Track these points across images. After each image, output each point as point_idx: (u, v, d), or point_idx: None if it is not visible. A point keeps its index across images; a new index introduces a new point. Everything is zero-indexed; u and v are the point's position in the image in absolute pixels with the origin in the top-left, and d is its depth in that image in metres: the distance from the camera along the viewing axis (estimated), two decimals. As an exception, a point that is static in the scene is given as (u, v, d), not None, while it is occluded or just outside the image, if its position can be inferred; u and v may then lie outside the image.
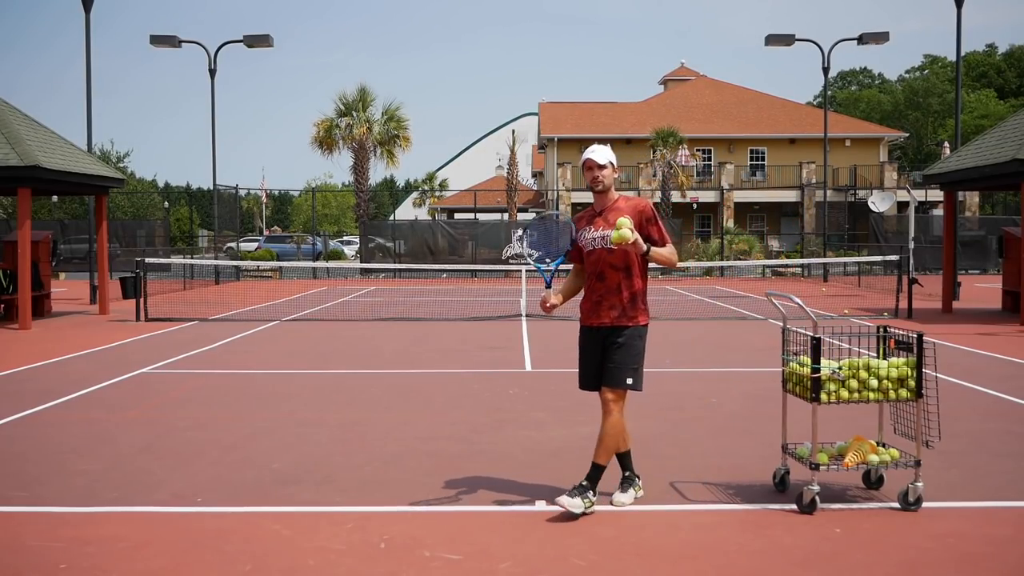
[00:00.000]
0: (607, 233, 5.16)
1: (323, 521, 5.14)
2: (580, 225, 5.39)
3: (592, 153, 5.28)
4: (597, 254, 5.25)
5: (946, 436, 6.34)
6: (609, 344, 5.22)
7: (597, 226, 5.28)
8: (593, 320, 5.29)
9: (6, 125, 15.73)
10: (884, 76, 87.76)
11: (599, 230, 5.25)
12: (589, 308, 5.32)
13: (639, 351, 5.24)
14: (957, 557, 4.57)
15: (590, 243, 5.29)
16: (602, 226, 5.25)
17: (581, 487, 5.17)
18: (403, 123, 37.58)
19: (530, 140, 59.11)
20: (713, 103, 49.34)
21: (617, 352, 5.18)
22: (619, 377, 5.17)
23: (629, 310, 5.24)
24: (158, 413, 8.29)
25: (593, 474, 5.22)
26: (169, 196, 65.59)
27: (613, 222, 5.11)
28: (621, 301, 5.23)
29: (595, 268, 5.27)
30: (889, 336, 5.53)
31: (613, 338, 5.21)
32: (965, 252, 33.04)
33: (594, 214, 5.33)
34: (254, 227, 65.90)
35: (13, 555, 4.66)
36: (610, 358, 5.20)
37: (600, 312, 5.25)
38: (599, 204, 5.33)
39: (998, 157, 15.85)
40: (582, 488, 5.16)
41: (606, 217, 5.26)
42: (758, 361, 11.25)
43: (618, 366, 5.17)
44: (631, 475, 5.49)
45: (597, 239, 5.25)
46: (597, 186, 5.26)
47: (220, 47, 29.54)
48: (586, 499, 5.15)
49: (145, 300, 16.97)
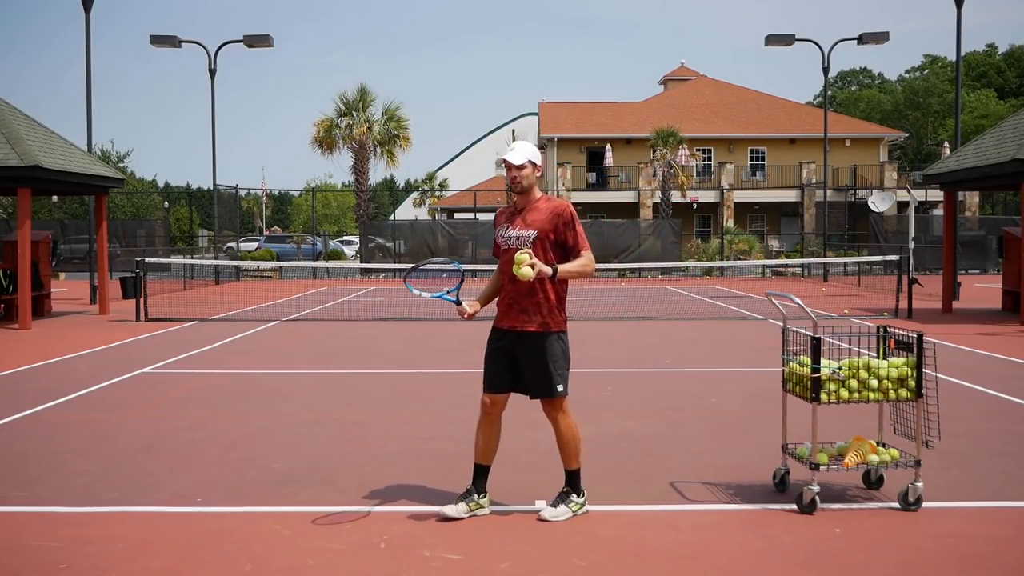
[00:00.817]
0: (523, 233, 5.05)
1: (323, 521, 5.14)
2: (500, 222, 5.24)
3: (508, 153, 5.12)
4: (512, 254, 5.03)
5: (946, 436, 6.34)
6: (525, 352, 5.04)
7: (516, 225, 5.12)
8: (504, 322, 5.11)
9: (6, 125, 15.73)
10: (884, 76, 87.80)
11: (517, 229, 5.10)
12: (503, 309, 5.14)
13: (560, 355, 5.07)
14: (957, 557, 4.57)
15: (507, 241, 5.13)
16: (520, 225, 5.09)
17: (563, 494, 5.17)
18: (403, 123, 37.57)
19: (530, 140, 59.04)
20: (713, 103, 49.33)
21: (539, 364, 5.03)
22: (550, 389, 5.06)
23: (543, 315, 5.04)
24: (158, 413, 8.29)
25: (571, 480, 5.20)
26: (169, 196, 65.58)
27: (532, 222, 5.05)
28: (534, 304, 5.03)
29: (508, 267, 5.05)
30: (889, 336, 5.53)
31: (529, 346, 5.03)
32: (965, 252, 33.03)
33: (514, 212, 5.17)
34: (254, 227, 65.90)
35: (13, 555, 4.67)
36: (534, 370, 5.05)
37: (511, 314, 5.07)
38: (520, 203, 5.17)
39: (998, 157, 15.85)
40: (564, 496, 5.17)
41: (525, 217, 5.10)
42: (758, 361, 11.25)
43: (543, 378, 5.04)
44: (473, 490, 5.23)
45: (514, 238, 5.08)
46: (516, 187, 5.09)
47: (220, 47, 29.55)
48: (572, 503, 5.16)
49: (145, 300, 16.98)
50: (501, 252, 5.19)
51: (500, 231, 5.20)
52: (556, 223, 5.05)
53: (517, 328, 5.05)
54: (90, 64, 21.59)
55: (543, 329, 5.04)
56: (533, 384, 5.10)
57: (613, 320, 16.90)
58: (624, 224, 35.19)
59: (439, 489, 5.74)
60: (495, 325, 5.18)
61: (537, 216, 5.07)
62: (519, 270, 4.79)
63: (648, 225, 35.25)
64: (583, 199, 43.96)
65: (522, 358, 5.07)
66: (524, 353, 5.06)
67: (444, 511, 5.11)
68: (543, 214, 5.08)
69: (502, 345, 5.12)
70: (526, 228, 5.07)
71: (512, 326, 5.07)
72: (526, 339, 5.04)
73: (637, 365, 11.27)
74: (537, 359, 5.04)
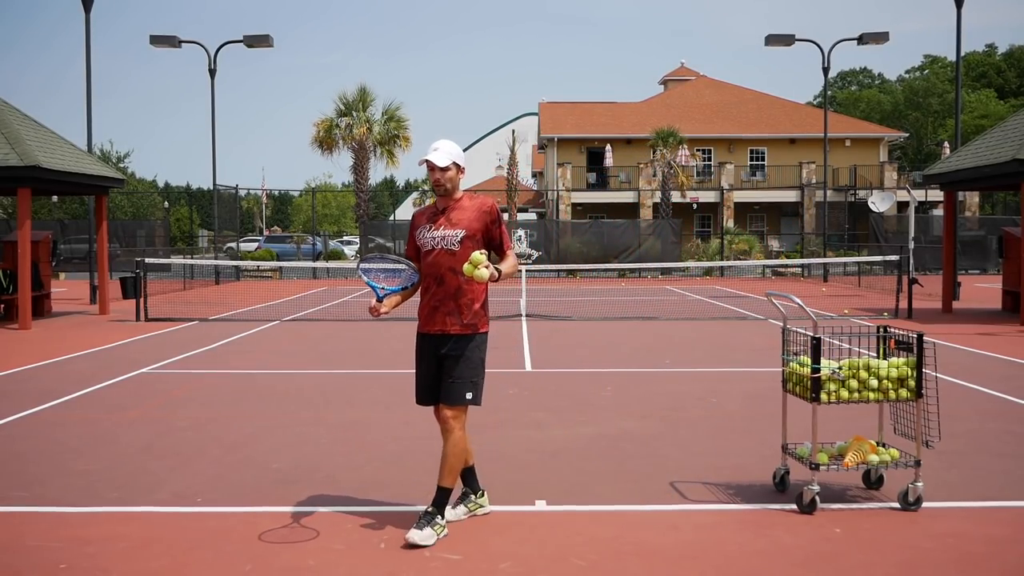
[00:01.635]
0: (449, 233, 4.85)
1: (323, 521, 5.14)
2: (420, 222, 4.98)
3: (432, 154, 4.85)
4: (437, 255, 4.86)
5: (946, 436, 6.34)
6: (447, 355, 4.84)
7: (439, 225, 4.89)
8: (430, 327, 4.90)
9: (6, 125, 15.74)
10: (884, 76, 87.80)
11: (441, 229, 4.88)
12: (426, 314, 4.93)
13: (478, 363, 4.89)
14: (957, 557, 4.57)
15: (430, 242, 4.89)
16: (444, 225, 4.88)
17: (428, 515, 4.79)
18: (403, 123, 37.55)
19: (530, 140, 59.11)
20: (713, 103, 49.33)
21: (456, 366, 4.82)
22: (459, 393, 4.81)
23: (469, 317, 4.87)
24: (158, 413, 8.29)
25: (440, 499, 4.85)
26: (169, 196, 65.59)
27: (456, 221, 4.85)
28: (460, 307, 4.85)
29: (434, 270, 4.88)
30: (889, 336, 5.53)
31: (452, 349, 4.84)
32: (965, 252, 33.04)
33: (436, 212, 4.94)
34: (254, 227, 65.89)
35: (13, 555, 4.67)
36: (449, 372, 4.83)
37: (436, 318, 4.86)
38: (441, 203, 4.94)
39: (998, 157, 15.85)
40: (429, 516, 4.78)
41: (449, 216, 4.89)
42: (758, 361, 11.25)
43: (456, 381, 4.81)
44: (468, 491, 5.19)
45: (438, 239, 4.86)
46: (440, 189, 4.87)
47: (220, 47, 29.55)
48: (436, 526, 4.78)
49: (145, 300, 16.98)
50: (422, 254, 4.95)
51: (421, 232, 4.94)
52: (485, 221, 4.88)
53: (446, 331, 4.86)
54: (90, 64, 21.62)
55: (471, 331, 4.88)
56: (447, 391, 4.83)
57: (613, 320, 16.90)
58: (624, 224, 35.20)
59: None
60: (422, 332, 4.95)
61: (463, 215, 4.88)
62: (476, 271, 4.56)
63: (648, 225, 35.26)
64: (583, 199, 43.98)
65: (446, 361, 4.86)
66: (449, 355, 4.85)
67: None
68: (469, 212, 4.89)
69: (430, 353, 4.91)
70: (452, 228, 4.86)
71: (441, 329, 4.87)
72: (453, 341, 4.86)
73: (637, 365, 11.27)
74: (460, 362, 4.83)
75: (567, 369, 10.94)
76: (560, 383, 9.81)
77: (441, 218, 4.90)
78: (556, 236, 33.63)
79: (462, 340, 4.86)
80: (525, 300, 17.86)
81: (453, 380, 4.82)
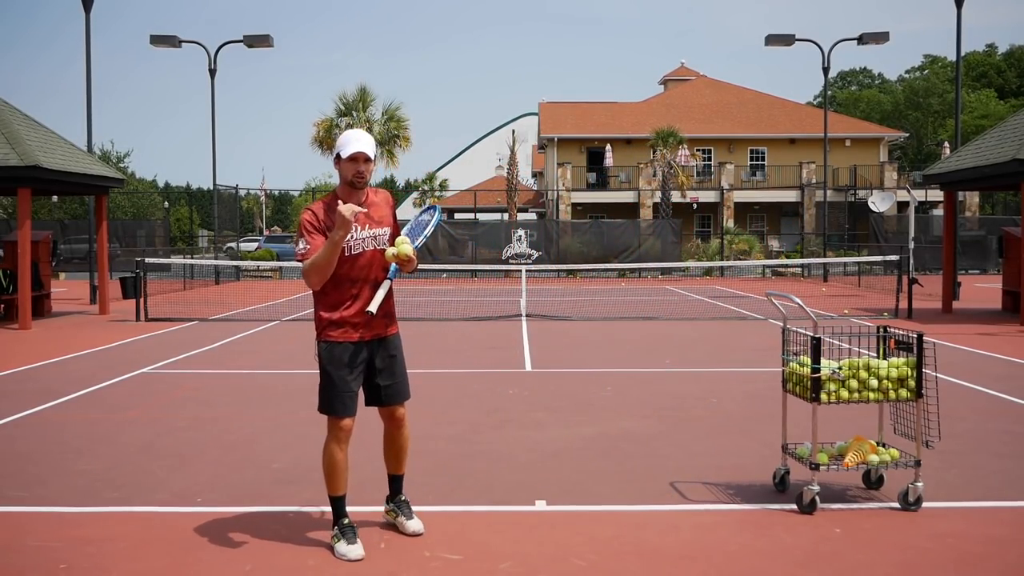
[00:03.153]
0: (379, 232, 4.61)
1: (323, 521, 5.14)
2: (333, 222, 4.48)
3: (361, 144, 4.51)
4: (369, 256, 4.59)
5: (946, 436, 6.34)
6: (383, 358, 4.71)
7: (363, 224, 4.57)
8: (366, 333, 4.62)
9: (6, 125, 15.74)
10: (884, 76, 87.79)
11: (367, 229, 4.58)
12: (360, 320, 4.58)
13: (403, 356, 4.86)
14: (957, 557, 4.57)
15: (360, 244, 4.56)
16: (369, 224, 4.59)
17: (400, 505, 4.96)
18: (403, 123, 37.55)
19: (530, 140, 59.09)
20: (713, 103, 49.33)
21: (398, 366, 4.76)
22: (406, 389, 4.83)
23: (393, 315, 4.80)
24: (158, 413, 8.29)
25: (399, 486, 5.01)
26: (169, 196, 65.58)
27: (381, 219, 4.64)
28: (391, 306, 4.76)
29: (367, 273, 4.59)
30: (889, 336, 5.53)
31: (391, 350, 4.74)
32: (965, 252, 33.03)
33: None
34: (254, 227, 65.89)
35: (13, 555, 4.67)
36: (392, 372, 4.74)
37: (374, 322, 4.61)
38: (355, 197, 4.57)
39: (998, 157, 15.85)
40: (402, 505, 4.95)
41: (370, 214, 4.60)
42: (758, 361, 11.25)
43: (402, 379, 4.79)
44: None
45: (368, 239, 4.58)
46: (361, 183, 4.53)
47: (220, 47, 29.55)
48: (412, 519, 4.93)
49: (145, 300, 16.98)
50: (347, 258, 4.53)
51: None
52: (392, 212, 4.76)
53: (381, 334, 4.71)
54: (90, 64, 21.61)
55: (397, 330, 4.84)
56: (395, 388, 4.77)
57: (613, 320, 16.90)
58: (624, 224, 35.19)
59: (439, 489, 5.74)
60: (352, 340, 4.60)
61: (380, 211, 4.66)
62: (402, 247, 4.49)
63: (648, 225, 35.25)
64: (583, 199, 43.98)
65: (384, 363, 4.73)
66: (386, 357, 4.73)
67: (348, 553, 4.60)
68: (383, 208, 4.70)
69: (361, 359, 4.66)
70: (378, 225, 4.63)
71: (376, 334, 4.68)
72: (388, 343, 4.75)
73: (637, 365, 11.27)
74: (396, 361, 4.77)
75: (567, 369, 10.94)
76: (560, 383, 9.81)
77: (362, 216, 4.56)
78: (556, 236, 33.62)
79: (396, 339, 4.82)
80: (525, 300, 17.86)
81: (400, 380, 4.79)
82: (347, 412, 4.66)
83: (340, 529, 4.67)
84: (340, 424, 4.65)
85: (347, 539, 4.61)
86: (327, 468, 4.70)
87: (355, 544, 4.59)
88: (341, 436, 4.67)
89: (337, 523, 4.70)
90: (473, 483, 5.91)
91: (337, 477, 4.69)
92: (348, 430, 4.69)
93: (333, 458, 4.67)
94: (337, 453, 4.67)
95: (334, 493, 4.73)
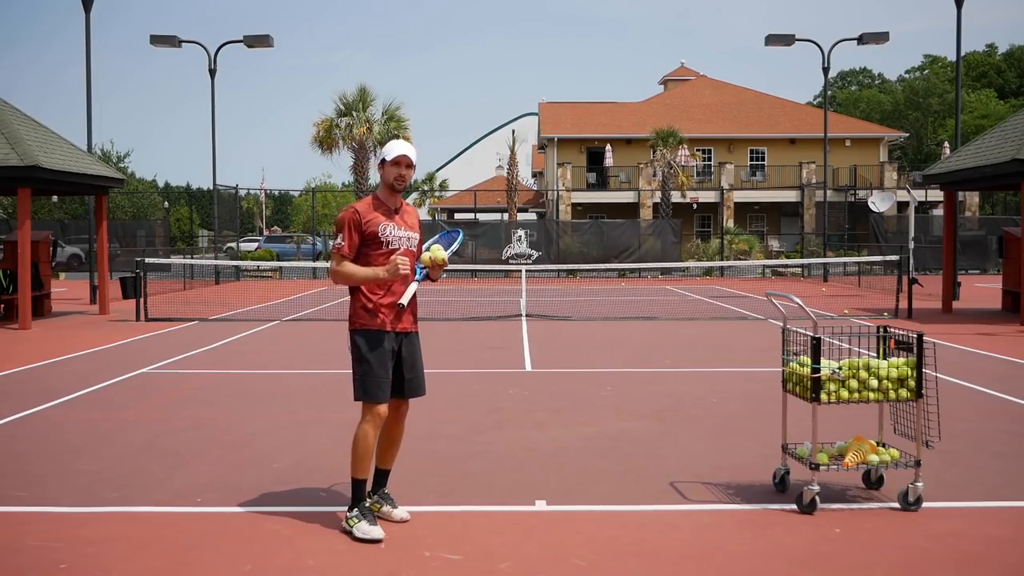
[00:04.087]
0: (412, 235, 5.03)
1: (323, 521, 5.14)
2: (375, 218, 4.93)
3: (407, 149, 4.95)
4: (403, 254, 4.95)
5: (946, 436, 6.34)
6: (408, 352, 5.02)
7: (399, 224, 4.99)
8: (397, 324, 4.96)
9: (6, 125, 15.74)
10: (884, 76, 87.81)
11: (402, 229, 5.00)
12: (393, 311, 4.93)
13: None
14: (957, 557, 4.57)
15: (397, 241, 4.96)
16: (403, 226, 5.01)
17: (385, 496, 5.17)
18: (403, 123, 37.52)
19: (530, 140, 59.08)
20: (713, 103, 49.33)
21: (419, 361, 5.09)
22: (423, 385, 5.13)
23: (416, 316, 5.16)
24: (158, 413, 8.29)
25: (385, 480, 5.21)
26: (169, 196, 65.58)
27: (412, 225, 5.05)
28: (416, 306, 5.10)
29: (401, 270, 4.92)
30: (889, 336, 5.54)
31: (411, 346, 5.05)
32: (965, 252, 33.03)
33: (391, 211, 4.99)
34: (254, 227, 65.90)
35: (13, 555, 4.67)
36: (414, 368, 5.05)
37: (403, 316, 4.98)
38: (393, 202, 5.00)
39: (998, 157, 15.85)
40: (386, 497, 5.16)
41: (403, 217, 5.03)
42: (758, 361, 11.25)
43: (421, 375, 5.11)
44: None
45: (404, 238, 4.99)
46: (401, 186, 4.96)
47: (220, 47, 29.57)
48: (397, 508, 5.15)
49: (145, 300, 16.98)
50: (382, 252, 4.92)
51: (385, 229, 4.92)
52: (421, 229, 5.19)
53: (408, 330, 5.04)
54: (90, 64, 21.62)
55: (418, 330, 5.16)
56: (415, 384, 5.07)
57: (613, 320, 16.90)
58: (624, 224, 35.20)
59: (439, 489, 5.74)
60: (384, 329, 4.91)
61: (412, 220, 5.09)
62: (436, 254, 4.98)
63: (648, 225, 35.26)
64: (583, 199, 43.97)
65: (408, 358, 5.04)
66: (411, 353, 5.05)
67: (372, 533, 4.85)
68: (415, 218, 5.13)
69: (390, 350, 4.94)
70: (410, 229, 5.03)
71: (404, 328, 5.01)
72: (413, 339, 5.08)
73: (637, 365, 11.27)
74: (420, 359, 5.11)
75: (567, 369, 10.94)
76: (560, 383, 9.81)
77: (397, 218, 5.00)
78: (556, 236, 33.63)
79: (417, 337, 5.14)
80: (525, 300, 17.86)
81: (419, 373, 5.10)
82: (383, 398, 4.93)
83: (360, 511, 4.90)
84: (377, 410, 4.93)
85: (368, 520, 4.85)
86: (360, 451, 4.93)
87: (376, 525, 4.84)
88: (377, 421, 4.94)
89: (358, 506, 4.92)
90: (473, 483, 5.91)
91: (367, 461, 4.95)
92: (383, 416, 4.96)
93: (367, 442, 4.92)
94: (371, 437, 4.93)
95: (360, 476, 4.95)
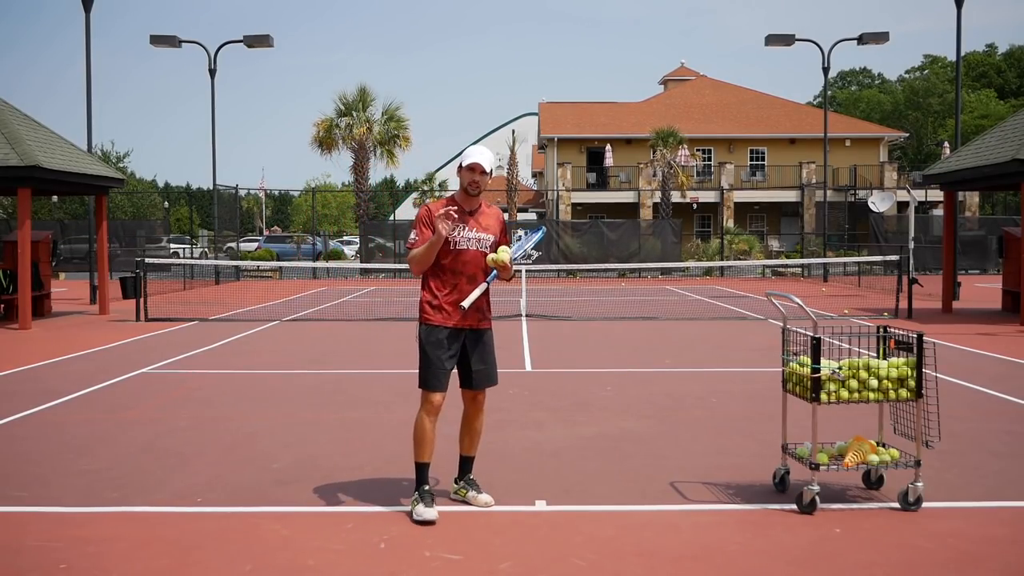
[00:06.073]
0: (483, 236, 5.25)
1: (323, 521, 5.15)
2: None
3: (481, 157, 5.22)
4: (472, 255, 5.23)
5: (946, 436, 6.34)
6: (475, 346, 5.32)
7: (471, 226, 5.25)
8: (461, 322, 5.24)
9: (6, 125, 15.74)
10: (884, 76, 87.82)
11: (474, 231, 5.25)
12: (456, 309, 5.21)
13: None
14: (957, 557, 4.57)
15: (465, 242, 5.23)
16: (476, 227, 5.26)
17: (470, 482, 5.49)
18: (403, 123, 37.58)
19: (530, 140, 59.09)
20: (713, 103, 49.34)
21: (488, 354, 5.37)
22: (495, 376, 5.43)
23: (488, 312, 5.39)
24: (158, 413, 8.29)
25: (469, 467, 5.55)
26: (169, 196, 65.57)
27: (487, 227, 5.28)
28: (486, 304, 5.36)
29: (467, 268, 5.24)
30: (889, 336, 5.54)
31: (479, 340, 5.33)
32: (965, 252, 33.03)
33: (464, 212, 5.24)
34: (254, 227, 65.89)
35: (13, 555, 4.67)
36: (484, 360, 5.34)
37: (468, 313, 5.22)
38: (468, 204, 5.28)
39: (998, 157, 15.85)
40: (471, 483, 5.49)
41: (478, 220, 5.28)
42: (758, 361, 11.25)
43: (492, 367, 5.39)
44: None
45: (472, 239, 5.24)
46: (475, 190, 5.23)
47: (220, 47, 29.56)
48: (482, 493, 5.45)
49: (145, 300, 16.98)
50: (453, 252, 5.21)
51: (453, 228, 5.18)
52: (502, 230, 5.38)
53: (474, 326, 5.30)
54: (90, 64, 21.62)
55: (490, 325, 5.43)
56: (485, 375, 5.37)
57: (613, 320, 16.90)
58: (624, 224, 35.21)
59: (439, 489, 5.74)
60: (447, 325, 5.22)
61: (490, 222, 5.32)
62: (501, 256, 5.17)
63: (648, 225, 35.26)
64: (583, 199, 43.97)
65: (476, 353, 5.33)
66: (479, 345, 5.34)
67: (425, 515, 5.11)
68: (493, 220, 5.36)
69: (453, 344, 5.26)
70: (484, 231, 5.27)
71: (469, 325, 5.28)
72: (480, 335, 5.34)
73: (637, 365, 11.27)
74: (490, 352, 5.38)
75: (567, 369, 10.94)
76: (560, 383, 9.81)
77: (471, 219, 5.27)
78: (556, 236, 33.64)
79: (488, 333, 5.41)
80: (525, 300, 17.86)
81: (489, 367, 5.39)
82: (439, 387, 5.22)
83: (420, 494, 5.18)
84: (431, 398, 5.22)
85: (425, 503, 5.13)
86: (417, 437, 5.24)
87: (431, 508, 5.10)
88: (431, 409, 5.23)
89: (418, 488, 5.22)
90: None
91: (424, 446, 5.24)
92: (438, 404, 5.25)
93: (423, 428, 5.23)
94: (427, 424, 5.22)
95: (420, 460, 5.25)
